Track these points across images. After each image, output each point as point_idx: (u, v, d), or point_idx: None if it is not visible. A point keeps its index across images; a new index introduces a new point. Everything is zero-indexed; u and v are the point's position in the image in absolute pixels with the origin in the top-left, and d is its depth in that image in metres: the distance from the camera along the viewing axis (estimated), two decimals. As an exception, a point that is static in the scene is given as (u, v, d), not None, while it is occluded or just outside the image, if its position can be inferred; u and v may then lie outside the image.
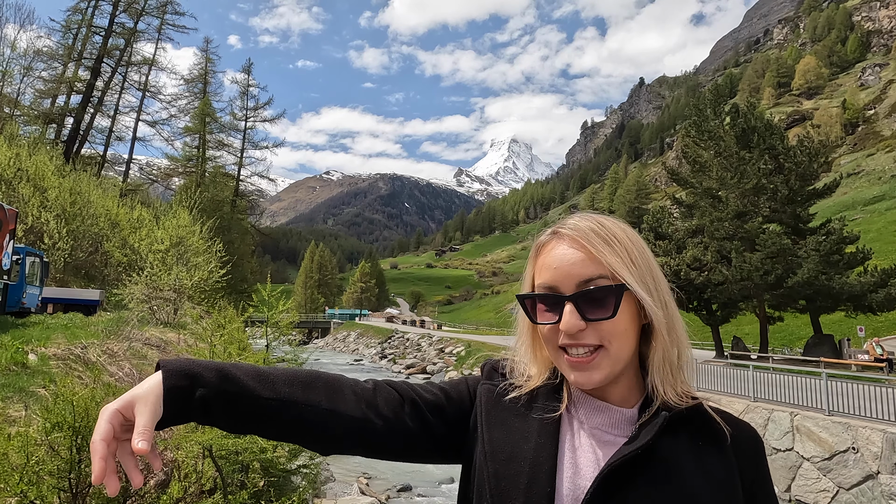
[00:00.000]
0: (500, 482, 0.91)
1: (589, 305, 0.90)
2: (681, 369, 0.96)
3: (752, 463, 0.94)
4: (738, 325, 33.89)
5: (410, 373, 37.12)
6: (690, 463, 0.89)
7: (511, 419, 0.98)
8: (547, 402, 0.99)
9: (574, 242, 0.93)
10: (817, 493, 11.20)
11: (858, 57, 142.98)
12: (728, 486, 0.89)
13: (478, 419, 1.01)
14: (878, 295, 21.76)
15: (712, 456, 0.91)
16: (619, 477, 0.87)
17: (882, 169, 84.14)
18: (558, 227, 0.98)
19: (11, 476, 3.24)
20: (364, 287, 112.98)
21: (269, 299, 7.02)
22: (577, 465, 0.91)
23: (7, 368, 6.39)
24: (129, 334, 10.23)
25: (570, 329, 0.89)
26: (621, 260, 0.91)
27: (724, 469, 0.90)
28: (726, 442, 0.92)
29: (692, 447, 0.91)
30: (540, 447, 0.93)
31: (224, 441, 4.55)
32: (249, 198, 52.64)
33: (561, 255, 0.93)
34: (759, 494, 0.93)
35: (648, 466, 0.88)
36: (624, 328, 0.91)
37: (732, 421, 0.96)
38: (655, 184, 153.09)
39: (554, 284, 0.92)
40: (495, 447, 0.95)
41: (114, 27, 38.63)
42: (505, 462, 0.93)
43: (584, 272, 0.91)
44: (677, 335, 0.95)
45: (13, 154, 20.64)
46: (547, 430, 0.95)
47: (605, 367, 0.90)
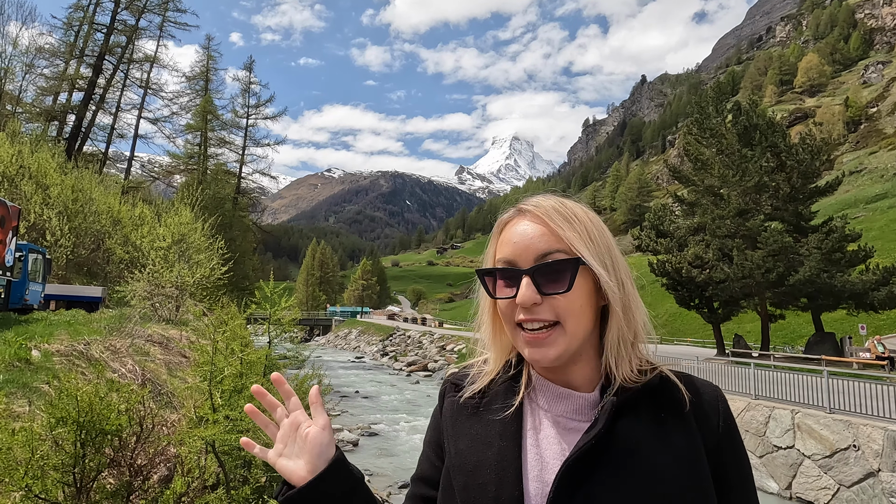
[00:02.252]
0: (471, 494, 0.91)
1: (545, 279, 0.90)
2: (636, 349, 0.95)
3: (714, 425, 0.93)
4: (739, 322, 33.91)
5: (412, 370, 37.18)
6: (651, 440, 0.88)
7: (474, 426, 0.99)
8: (505, 398, 0.99)
9: (535, 218, 0.94)
10: (818, 491, 11.21)
11: (861, 54, 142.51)
12: (691, 455, 0.88)
13: (444, 432, 1.02)
14: (880, 293, 21.75)
15: (674, 427, 0.90)
16: (580, 469, 0.87)
17: (884, 167, 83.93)
18: (521, 205, 0.98)
19: (16, 470, 3.26)
20: (365, 285, 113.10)
21: (271, 296, 7.03)
22: (544, 460, 0.92)
23: (10, 364, 6.42)
24: (131, 331, 10.26)
25: (525, 302, 0.89)
26: (579, 236, 0.92)
27: (685, 438, 0.89)
28: (686, 408, 0.91)
29: (653, 422, 0.90)
30: (503, 450, 0.93)
31: (227, 437, 4.57)
32: (251, 195, 52.66)
33: (522, 231, 0.94)
34: (727, 457, 0.92)
35: (608, 453, 0.87)
36: (580, 305, 0.91)
37: (693, 385, 0.95)
38: (657, 182, 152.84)
39: (513, 259, 0.93)
40: (462, 459, 0.96)
41: (115, 24, 38.58)
42: (472, 473, 0.93)
43: (542, 246, 0.91)
44: (634, 317, 0.94)
45: (15, 151, 20.67)
46: (508, 432, 0.95)
47: (560, 343, 0.90)
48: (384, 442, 16.87)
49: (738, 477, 0.93)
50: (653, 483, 0.85)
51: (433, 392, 27.42)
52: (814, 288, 22.09)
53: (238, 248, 35.90)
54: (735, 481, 0.92)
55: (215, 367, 4.97)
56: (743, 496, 0.93)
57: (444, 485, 0.98)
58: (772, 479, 12.28)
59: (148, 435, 4.05)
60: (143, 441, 3.96)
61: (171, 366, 9.67)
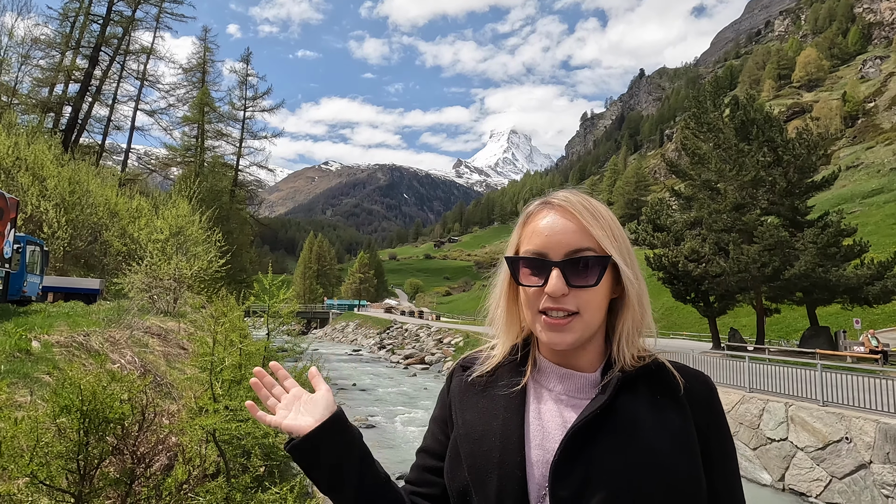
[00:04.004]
0: (476, 460, 0.99)
1: (574, 273, 0.97)
2: (641, 335, 1.04)
3: (704, 408, 1.00)
4: (735, 316, 34.04)
5: (409, 363, 37.28)
6: (649, 416, 0.96)
7: (480, 401, 1.06)
8: (511, 377, 1.07)
9: (565, 213, 1.01)
10: (810, 483, 11.35)
11: (859, 49, 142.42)
12: (683, 433, 0.95)
13: (452, 407, 1.10)
14: (875, 287, 21.87)
15: (669, 407, 0.98)
16: (584, 436, 0.94)
17: (881, 162, 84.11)
18: (549, 198, 1.05)
19: (21, 458, 3.31)
20: (363, 278, 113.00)
21: (270, 288, 7.07)
22: (546, 430, 0.99)
23: (11, 355, 6.46)
24: (130, 323, 10.29)
25: (555, 292, 0.96)
26: (606, 234, 0.99)
27: (679, 418, 0.97)
28: (680, 392, 0.99)
29: (651, 401, 0.98)
30: (507, 421, 1.01)
31: (227, 426, 4.63)
32: (248, 188, 52.54)
33: (552, 224, 1.00)
34: (712, 436, 1.00)
35: (610, 424, 0.95)
36: (600, 299, 0.99)
37: (687, 372, 1.03)
38: (654, 176, 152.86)
39: (543, 250, 0.99)
40: (468, 429, 1.04)
41: (111, 15, 38.31)
42: (478, 441, 1.01)
43: (574, 242, 0.98)
44: (645, 306, 1.03)
45: (12, 143, 20.58)
46: (513, 404, 1.03)
47: (577, 331, 0.97)
48: (381, 434, 16.97)
49: (721, 456, 1.00)
50: (651, 454, 0.92)
51: (430, 385, 27.53)
52: (809, 282, 22.21)
53: (235, 240, 35.81)
54: (718, 460, 1.00)
55: (216, 357, 5.03)
56: (723, 475, 1.00)
57: (452, 454, 1.06)
58: (765, 471, 12.42)
59: (149, 424, 4.10)
60: (145, 430, 4.02)
61: (170, 357, 9.72)
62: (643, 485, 0.90)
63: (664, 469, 0.91)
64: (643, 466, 0.91)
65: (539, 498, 0.94)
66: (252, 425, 4.89)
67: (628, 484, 0.90)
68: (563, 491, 0.92)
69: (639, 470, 0.91)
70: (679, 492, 0.91)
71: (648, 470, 0.91)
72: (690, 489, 0.92)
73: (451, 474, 1.05)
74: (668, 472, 0.91)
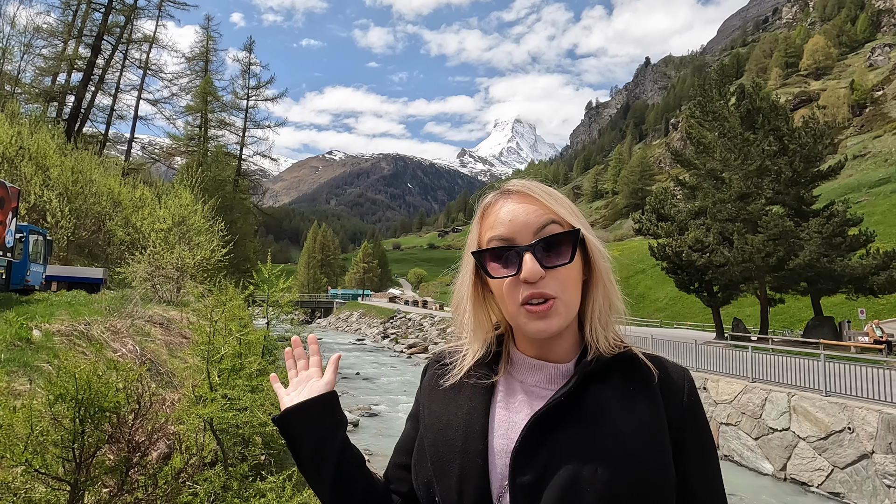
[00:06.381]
0: (439, 449, 0.97)
1: (547, 253, 0.93)
2: (613, 318, 1.00)
3: (678, 399, 0.97)
4: (739, 306, 33.98)
5: (412, 352, 37.42)
6: (618, 405, 0.92)
7: (448, 393, 1.04)
8: (482, 372, 1.04)
9: (524, 197, 0.98)
10: (812, 472, 11.34)
11: (868, 37, 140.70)
12: (653, 423, 0.92)
13: (420, 402, 1.09)
14: (880, 277, 21.76)
15: (640, 398, 0.94)
16: (548, 424, 0.91)
17: (888, 151, 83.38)
18: (506, 187, 1.02)
19: (16, 446, 3.32)
20: (366, 267, 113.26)
21: (269, 277, 7.07)
22: (511, 420, 0.97)
23: (12, 344, 6.48)
24: (132, 312, 10.31)
25: (532, 276, 0.91)
26: (567, 211, 0.96)
27: (650, 408, 0.93)
28: (653, 381, 0.96)
29: (622, 391, 0.95)
30: (472, 410, 0.99)
31: (225, 415, 4.63)
32: (252, 177, 52.45)
33: (513, 209, 0.96)
34: (686, 427, 0.96)
35: (577, 412, 0.92)
36: (576, 277, 0.96)
37: (662, 364, 1.00)
38: (659, 165, 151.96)
39: (510, 236, 0.95)
40: (433, 419, 1.02)
41: (114, 4, 38.10)
42: (441, 430, 0.99)
43: (539, 220, 0.94)
44: (612, 285, 0.99)
45: (15, 132, 20.58)
46: (478, 394, 1.01)
47: (561, 313, 0.93)
48: (384, 423, 17.05)
49: (696, 449, 0.96)
50: (616, 442, 0.89)
51: (433, 374, 27.59)
52: (813, 272, 22.10)
53: (239, 230, 35.84)
54: (692, 452, 0.96)
55: (213, 346, 5.02)
56: (698, 467, 0.96)
57: (418, 446, 1.04)
58: (767, 461, 12.42)
59: (146, 412, 4.10)
60: (142, 418, 4.02)
61: (172, 346, 9.74)
62: (606, 471, 0.86)
63: (628, 455, 0.88)
64: (607, 452, 0.88)
65: (501, 487, 0.92)
66: (250, 414, 4.89)
67: (591, 470, 0.87)
68: (524, 477, 0.89)
69: (602, 455, 0.88)
70: (644, 479, 0.87)
71: (612, 455, 0.88)
72: (656, 476, 0.88)
73: (416, 467, 1.03)
74: (632, 459, 0.88)
